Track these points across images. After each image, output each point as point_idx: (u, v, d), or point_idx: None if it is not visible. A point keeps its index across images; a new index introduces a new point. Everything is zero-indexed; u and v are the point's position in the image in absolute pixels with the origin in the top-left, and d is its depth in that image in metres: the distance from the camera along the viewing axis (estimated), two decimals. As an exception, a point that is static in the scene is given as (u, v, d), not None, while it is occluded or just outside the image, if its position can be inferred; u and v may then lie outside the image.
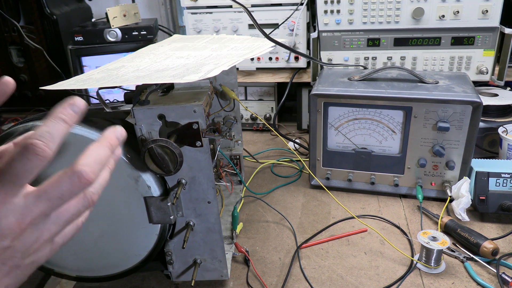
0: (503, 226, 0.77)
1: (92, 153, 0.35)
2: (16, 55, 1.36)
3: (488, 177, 0.77)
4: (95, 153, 0.35)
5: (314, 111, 0.87)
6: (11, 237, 0.33)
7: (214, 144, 0.82)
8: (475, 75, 1.06)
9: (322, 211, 0.86)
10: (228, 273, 0.64)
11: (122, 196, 0.54)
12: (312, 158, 0.92)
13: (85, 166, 0.33)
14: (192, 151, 0.54)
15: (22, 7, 1.30)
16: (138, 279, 0.69)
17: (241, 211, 0.86)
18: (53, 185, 0.33)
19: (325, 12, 1.08)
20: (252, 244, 0.77)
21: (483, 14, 0.99)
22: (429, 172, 0.84)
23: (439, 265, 0.68)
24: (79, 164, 0.33)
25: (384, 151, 0.87)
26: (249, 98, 1.27)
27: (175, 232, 0.61)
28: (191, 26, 1.20)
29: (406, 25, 1.05)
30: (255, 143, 1.20)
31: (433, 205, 0.85)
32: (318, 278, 0.67)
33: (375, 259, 0.71)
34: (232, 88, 0.84)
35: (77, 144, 0.51)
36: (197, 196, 0.58)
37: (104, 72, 0.60)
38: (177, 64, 0.61)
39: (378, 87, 0.84)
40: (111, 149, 0.37)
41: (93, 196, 0.36)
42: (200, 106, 0.52)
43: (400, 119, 0.83)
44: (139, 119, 0.53)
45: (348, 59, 1.12)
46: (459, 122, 0.78)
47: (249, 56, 0.64)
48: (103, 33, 1.25)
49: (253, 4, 1.14)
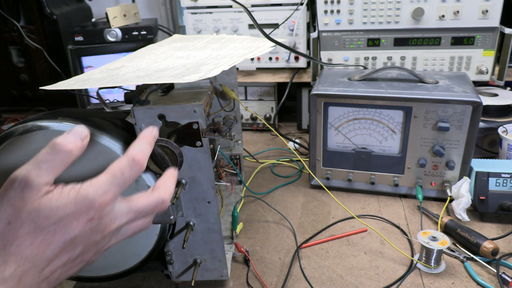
0: (503, 226, 0.77)
1: (139, 145, 0.42)
2: (16, 55, 1.36)
3: (488, 177, 0.77)
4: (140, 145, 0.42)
5: (314, 111, 0.87)
6: (101, 235, 0.38)
7: (214, 144, 0.82)
8: (475, 75, 1.06)
9: (322, 211, 0.86)
10: (228, 273, 0.64)
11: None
12: (312, 158, 0.92)
13: (138, 154, 0.41)
14: (192, 151, 0.54)
15: (22, 7, 1.30)
16: (138, 279, 0.69)
17: (241, 211, 0.86)
18: (144, 203, 0.41)
19: (325, 12, 1.08)
20: (252, 244, 0.77)
21: (483, 14, 0.99)
22: (429, 172, 0.84)
23: (439, 265, 0.68)
24: (133, 152, 0.40)
25: (384, 151, 0.87)
26: (249, 98, 1.27)
27: (175, 232, 0.61)
28: (191, 26, 1.20)
29: (406, 25, 1.05)
30: (255, 143, 1.20)
31: (433, 205, 0.85)
32: (318, 278, 0.67)
33: (375, 259, 0.71)
34: (232, 88, 0.84)
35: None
36: (197, 196, 0.58)
37: (104, 72, 0.60)
38: (177, 64, 0.61)
39: (378, 87, 0.84)
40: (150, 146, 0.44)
41: (150, 222, 0.44)
42: (200, 106, 0.52)
43: (400, 119, 0.83)
44: (139, 119, 0.53)
45: (348, 59, 1.12)
46: (459, 122, 0.78)
47: (249, 56, 0.64)
48: (103, 33, 1.25)
49: (253, 4, 1.15)
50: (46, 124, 0.50)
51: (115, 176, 0.38)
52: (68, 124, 0.51)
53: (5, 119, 1.35)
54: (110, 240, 0.40)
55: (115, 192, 0.38)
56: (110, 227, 0.38)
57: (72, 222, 0.36)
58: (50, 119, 0.51)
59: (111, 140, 0.52)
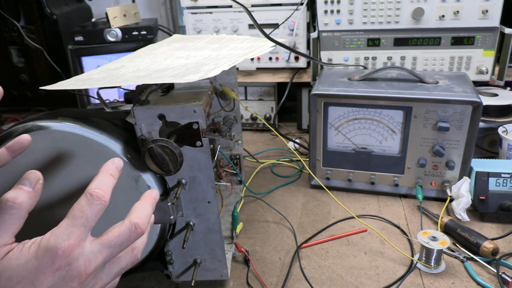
0: (503, 226, 0.77)
1: (142, 209, 0.41)
2: (16, 55, 1.36)
3: (488, 177, 0.77)
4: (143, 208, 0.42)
5: (314, 111, 0.87)
6: (77, 281, 0.36)
7: (214, 144, 0.82)
8: (475, 75, 1.06)
9: (322, 211, 0.86)
10: (228, 273, 0.64)
11: (122, 196, 0.54)
12: (312, 158, 0.92)
13: (139, 218, 0.40)
14: (192, 151, 0.54)
15: (22, 7, 1.30)
16: (138, 279, 0.69)
17: (241, 211, 0.86)
18: (115, 234, 0.38)
19: (325, 12, 1.08)
20: (252, 244, 0.77)
21: (483, 14, 0.99)
22: (429, 172, 0.84)
23: (439, 265, 0.68)
24: (135, 217, 0.40)
25: (384, 151, 0.87)
26: (249, 98, 1.27)
27: (175, 232, 0.61)
28: (191, 26, 1.20)
29: (406, 25, 1.05)
30: (255, 143, 1.20)
31: (433, 205, 0.85)
32: (318, 278, 0.67)
33: (375, 259, 0.71)
34: (232, 88, 0.84)
35: (78, 144, 0.51)
36: (197, 196, 0.58)
37: (104, 72, 0.60)
38: (177, 64, 0.61)
39: (378, 87, 0.84)
40: (152, 207, 0.43)
41: (138, 254, 0.42)
42: (200, 106, 0.52)
43: (400, 119, 0.83)
44: (139, 119, 0.53)
45: (348, 59, 1.12)
46: (459, 122, 0.78)
47: (249, 56, 0.64)
48: (103, 33, 1.25)
49: (253, 4, 1.15)
50: (46, 124, 0.50)
51: (75, 218, 0.36)
52: (68, 124, 0.51)
53: (5, 119, 1.35)
54: (95, 283, 0.38)
55: (80, 234, 0.36)
56: (86, 270, 0.36)
57: (39, 277, 0.34)
58: (50, 119, 0.51)
59: (111, 140, 0.52)
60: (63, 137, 0.51)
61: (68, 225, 0.36)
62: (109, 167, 0.42)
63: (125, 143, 0.53)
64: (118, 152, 0.52)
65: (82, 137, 0.51)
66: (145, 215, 0.41)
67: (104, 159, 0.51)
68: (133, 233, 0.39)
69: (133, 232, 0.39)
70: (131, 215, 0.40)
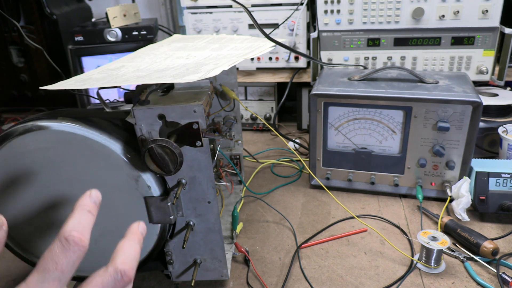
0: (503, 226, 0.77)
1: (127, 251, 0.34)
2: (16, 55, 1.36)
3: (488, 177, 0.77)
4: (130, 250, 0.35)
5: (314, 111, 0.87)
6: None
7: (214, 144, 0.82)
8: (475, 75, 1.06)
9: (322, 211, 0.86)
10: (228, 273, 0.64)
11: (122, 196, 0.54)
12: (312, 158, 0.92)
13: (125, 264, 0.33)
14: (192, 151, 0.54)
15: (22, 7, 1.30)
16: (138, 279, 0.69)
17: (241, 211, 0.86)
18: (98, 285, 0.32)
19: (325, 12, 1.08)
20: (252, 244, 0.77)
21: (483, 14, 0.99)
22: (429, 172, 0.84)
23: (439, 265, 0.68)
24: (120, 263, 0.33)
25: (384, 151, 0.87)
26: (249, 98, 1.27)
27: (175, 232, 0.61)
28: (191, 26, 1.20)
29: (406, 25, 1.05)
30: (255, 143, 1.20)
31: (433, 205, 0.85)
32: (318, 278, 0.67)
33: (375, 259, 0.71)
34: (232, 88, 0.84)
35: (78, 144, 0.51)
36: (197, 196, 0.58)
37: (104, 72, 0.60)
38: (177, 64, 0.61)
39: (378, 87, 0.84)
40: (140, 244, 0.36)
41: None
42: (200, 106, 0.52)
43: (400, 119, 0.83)
44: (139, 119, 0.53)
45: (348, 59, 1.12)
46: (459, 122, 0.78)
47: (249, 56, 0.64)
48: (103, 33, 1.25)
49: (253, 4, 1.15)
50: (46, 124, 0.50)
51: (47, 271, 0.30)
52: (68, 124, 0.51)
53: (5, 119, 1.35)
54: None
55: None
56: None
57: None
58: (50, 119, 0.51)
59: (111, 140, 0.52)
60: (63, 137, 0.51)
61: (39, 282, 0.30)
62: (86, 202, 0.35)
63: (125, 143, 0.53)
64: (118, 152, 0.52)
65: (82, 137, 0.51)
66: (132, 258, 0.34)
67: (104, 159, 0.51)
68: (119, 283, 0.33)
69: (119, 282, 0.32)
70: (116, 260, 0.33)
